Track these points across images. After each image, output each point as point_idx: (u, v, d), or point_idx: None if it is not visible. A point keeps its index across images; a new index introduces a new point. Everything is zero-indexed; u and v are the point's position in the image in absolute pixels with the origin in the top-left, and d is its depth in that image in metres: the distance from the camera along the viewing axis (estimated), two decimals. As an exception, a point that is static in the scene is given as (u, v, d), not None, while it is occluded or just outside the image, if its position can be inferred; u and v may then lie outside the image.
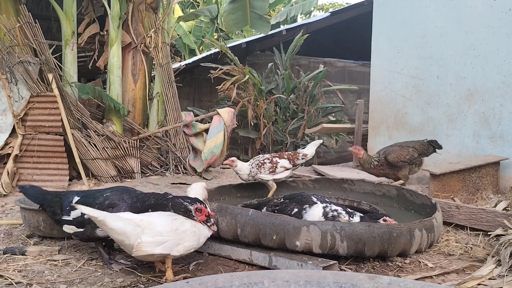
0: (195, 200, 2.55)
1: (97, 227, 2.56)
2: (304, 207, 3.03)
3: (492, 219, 3.38)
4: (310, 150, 4.24)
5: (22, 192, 3.02)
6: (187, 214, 2.47)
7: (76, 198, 2.80)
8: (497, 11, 4.79)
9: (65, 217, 2.78)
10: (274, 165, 4.04)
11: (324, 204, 3.01)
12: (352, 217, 2.92)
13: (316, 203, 3.03)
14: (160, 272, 2.55)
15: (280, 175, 4.09)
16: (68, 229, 2.78)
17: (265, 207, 3.20)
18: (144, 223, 2.33)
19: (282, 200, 3.27)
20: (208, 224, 2.50)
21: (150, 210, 2.57)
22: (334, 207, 2.99)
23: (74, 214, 2.73)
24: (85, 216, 2.62)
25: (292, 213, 3.01)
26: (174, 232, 2.34)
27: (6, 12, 5.61)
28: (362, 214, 3.00)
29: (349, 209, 3.02)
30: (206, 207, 2.55)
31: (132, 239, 2.29)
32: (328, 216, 2.93)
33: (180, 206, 2.50)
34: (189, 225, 2.42)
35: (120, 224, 2.31)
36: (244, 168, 4.08)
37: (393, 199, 4.00)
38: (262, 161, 4.06)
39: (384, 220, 2.88)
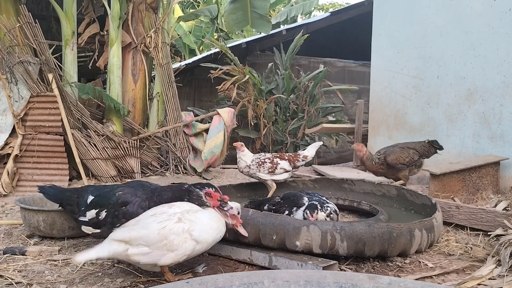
0: (205, 185, 2.45)
1: (113, 228, 2.53)
2: (292, 209, 3.12)
3: (492, 219, 3.38)
4: (310, 151, 4.24)
5: (42, 193, 2.97)
6: (199, 201, 2.40)
7: (90, 198, 2.75)
8: (497, 11, 4.79)
9: (81, 218, 2.73)
10: (274, 165, 4.05)
11: (304, 206, 3.07)
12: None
13: (305, 204, 3.09)
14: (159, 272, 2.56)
15: (279, 176, 4.09)
16: (86, 230, 2.74)
17: (267, 204, 3.35)
18: (132, 241, 2.29)
19: (279, 200, 3.37)
20: (225, 208, 2.36)
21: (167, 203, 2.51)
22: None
23: (89, 215, 2.69)
24: (100, 217, 2.62)
25: (284, 214, 3.10)
26: (161, 243, 2.25)
27: (6, 12, 5.61)
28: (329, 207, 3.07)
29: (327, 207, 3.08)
30: (216, 191, 2.42)
31: (123, 254, 2.31)
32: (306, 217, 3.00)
33: (196, 195, 2.42)
34: (180, 231, 2.27)
35: (106, 253, 2.30)
36: (247, 157, 4.11)
37: (393, 199, 4.00)
38: (262, 160, 4.07)
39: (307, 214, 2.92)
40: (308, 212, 2.95)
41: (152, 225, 2.29)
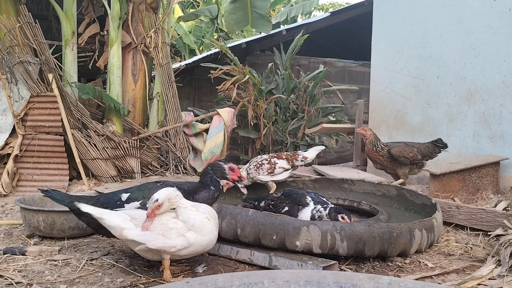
0: (229, 160, 2.84)
1: None
2: (299, 207, 3.12)
3: (492, 219, 3.38)
4: (311, 153, 4.23)
5: (48, 197, 2.83)
6: (221, 173, 2.75)
7: (125, 195, 2.78)
8: (497, 11, 4.79)
9: None
10: (273, 165, 4.04)
11: (313, 206, 3.07)
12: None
13: (308, 204, 3.08)
14: (160, 271, 2.56)
15: (278, 176, 4.08)
16: None
17: (264, 201, 3.34)
18: (138, 218, 2.43)
19: (278, 195, 3.36)
20: (240, 185, 2.71)
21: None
22: (319, 207, 3.05)
23: (130, 207, 2.73)
24: (148, 205, 2.66)
25: (283, 211, 3.12)
26: (159, 226, 2.37)
27: (6, 12, 5.61)
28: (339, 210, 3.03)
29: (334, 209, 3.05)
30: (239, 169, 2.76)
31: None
32: (315, 218, 3.01)
33: (219, 167, 2.78)
34: (179, 226, 2.36)
35: (115, 221, 2.41)
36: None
37: (393, 199, 4.00)
38: (260, 162, 4.06)
39: (342, 218, 2.91)
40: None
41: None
